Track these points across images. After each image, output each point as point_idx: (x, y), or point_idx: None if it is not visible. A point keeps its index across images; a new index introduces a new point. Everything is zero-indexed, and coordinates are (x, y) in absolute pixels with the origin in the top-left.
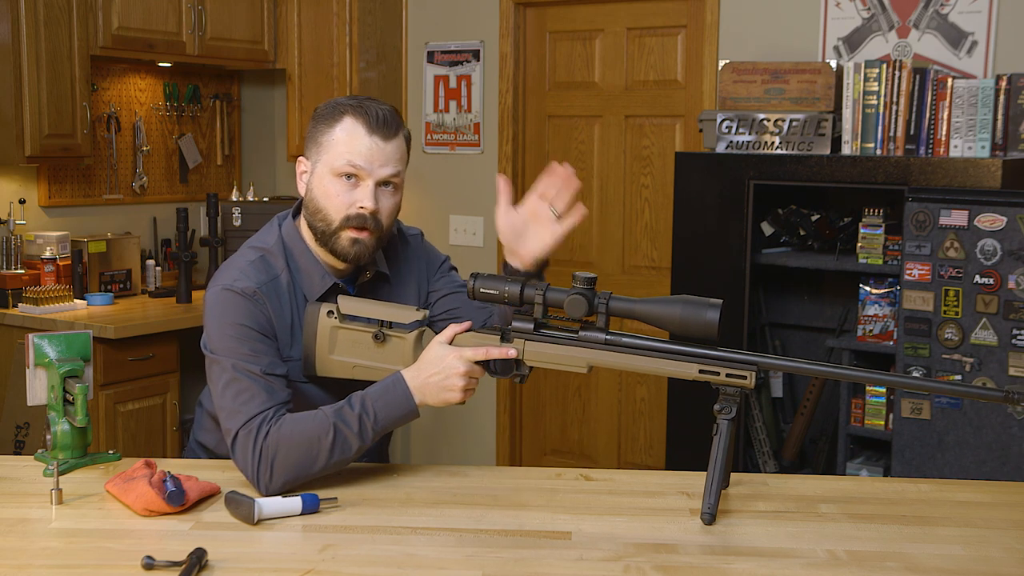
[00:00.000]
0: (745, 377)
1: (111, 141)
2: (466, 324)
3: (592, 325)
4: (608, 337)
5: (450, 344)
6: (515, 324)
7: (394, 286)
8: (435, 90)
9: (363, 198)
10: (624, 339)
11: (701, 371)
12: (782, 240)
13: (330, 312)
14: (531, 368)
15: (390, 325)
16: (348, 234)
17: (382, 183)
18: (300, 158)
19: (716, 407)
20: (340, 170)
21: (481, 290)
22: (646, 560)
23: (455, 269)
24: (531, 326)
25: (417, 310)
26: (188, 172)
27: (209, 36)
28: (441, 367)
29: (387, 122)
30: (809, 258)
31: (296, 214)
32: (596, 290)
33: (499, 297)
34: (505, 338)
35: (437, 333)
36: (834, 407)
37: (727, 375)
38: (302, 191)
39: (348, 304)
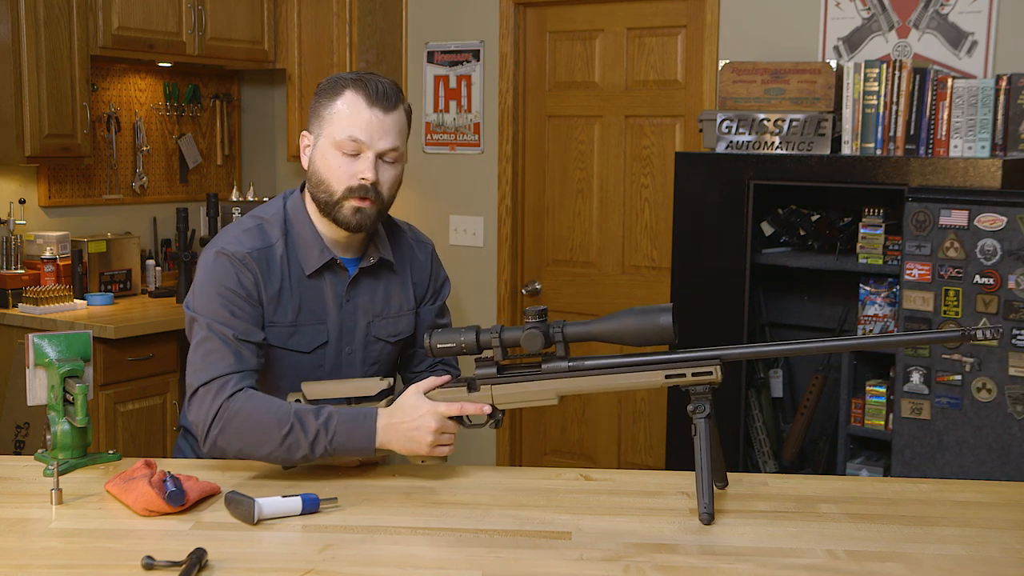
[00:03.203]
0: (711, 372)
1: (111, 141)
2: (444, 378)
3: (553, 356)
4: (571, 364)
5: (426, 395)
6: (478, 372)
7: (396, 275)
8: (435, 90)
9: (364, 169)
10: (587, 362)
11: (667, 376)
12: (782, 240)
13: (297, 401)
14: (504, 412)
15: (358, 400)
16: (351, 203)
17: (382, 155)
18: (303, 132)
19: (689, 408)
20: (341, 143)
21: (437, 345)
22: (646, 560)
23: (446, 302)
24: (494, 370)
25: (381, 379)
26: (188, 172)
27: (209, 36)
28: (413, 417)
29: (387, 95)
30: (809, 258)
31: (304, 188)
32: (549, 320)
33: (456, 349)
34: (472, 387)
35: (394, 354)
36: (834, 407)
37: (693, 374)
38: (305, 164)
39: (312, 388)
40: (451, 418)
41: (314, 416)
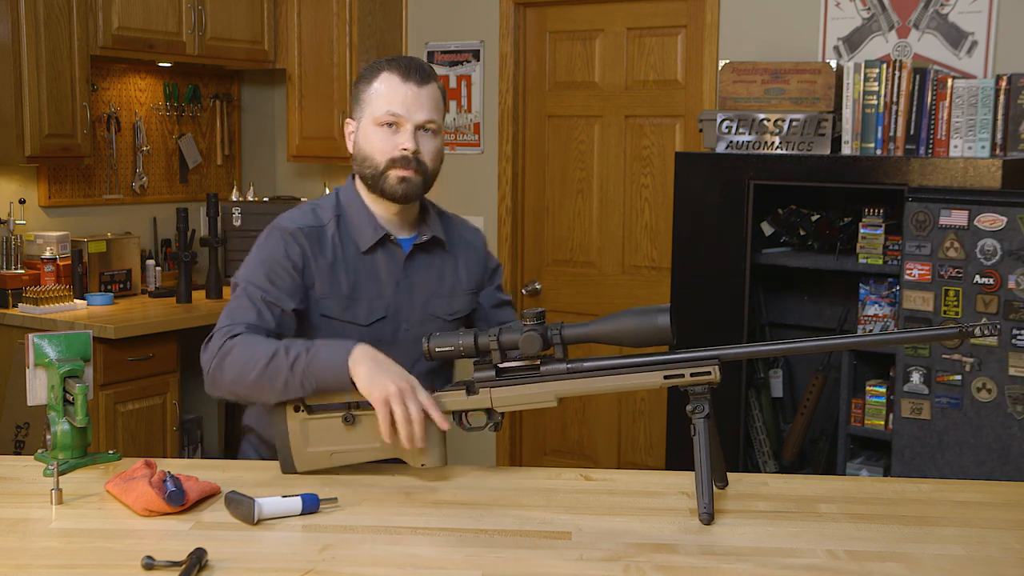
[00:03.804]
0: (709, 373)
1: (111, 141)
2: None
3: (551, 358)
4: (569, 366)
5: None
6: (477, 375)
7: (449, 255)
8: None
9: (404, 140)
10: (585, 364)
11: (666, 376)
12: (782, 240)
13: (297, 407)
14: (503, 415)
15: (357, 405)
16: (395, 173)
17: (421, 126)
18: (346, 120)
19: (688, 408)
20: (381, 119)
21: (436, 349)
22: (646, 560)
23: (501, 278)
24: (493, 373)
25: None
26: (188, 172)
27: (209, 36)
28: (396, 369)
29: (421, 70)
30: (809, 258)
31: (354, 177)
32: (547, 322)
33: (455, 352)
34: (471, 390)
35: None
36: (834, 407)
37: (691, 375)
38: (350, 148)
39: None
40: (454, 418)
41: (302, 343)
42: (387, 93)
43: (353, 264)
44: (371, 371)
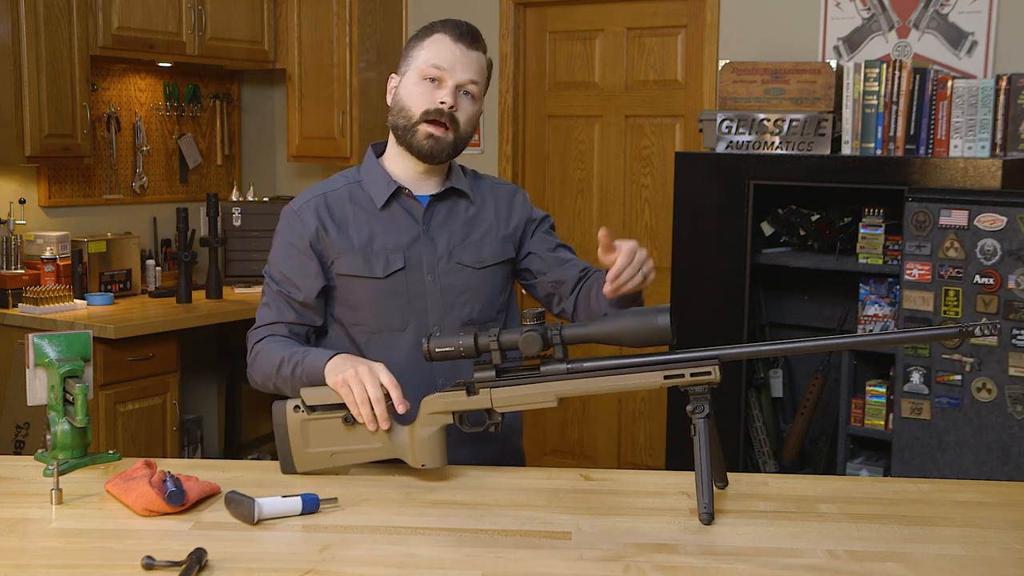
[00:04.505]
0: (710, 373)
1: (111, 141)
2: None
3: (551, 358)
4: (569, 366)
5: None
6: (477, 375)
7: (475, 205)
8: None
9: (444, 95)
10: (585, 364)
11: (666, 376)
12: (782, 240)
13: (296, 407)
14: (503, 415)
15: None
16: (425, 128)
17: (462, 86)
18: (391, 75)
19: (688, 408)
20: (425, 72)
21: (436, 349)
22: (646, 560)
23: (553, 230)
24: (493, 373)
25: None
26: (188, 172)
27: (209, 36)
28: (364, 360)
29: (472, 34)
30: (809, 258)
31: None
32: (547, 323)
33: (455, 353)
34: (470, 391)
35: (539, 297)
36: (834, 407)
37: (691, 375)
38: (389, 100)
39: (311, 394)
40: (454, 419)
41: (301, 352)
42: (435, 49)
43: (368, 220)
44: (337, 364)
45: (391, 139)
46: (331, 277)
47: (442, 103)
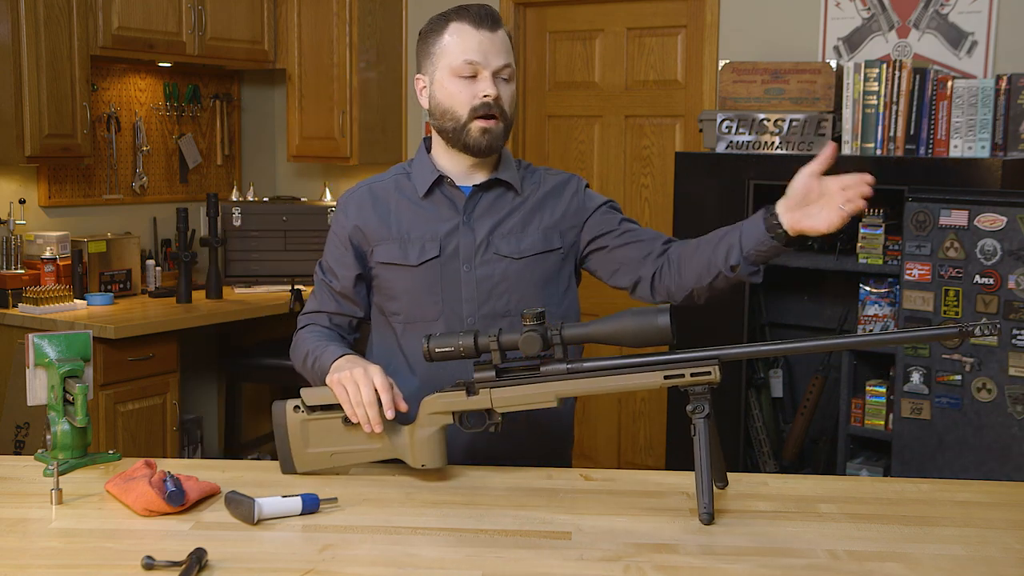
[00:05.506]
0: (709, 373)
1: (111, 141)
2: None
3: (552, 358)
4: (569, 366)
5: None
6: (477, 375)
7: (520, 197)
8: None
9: (485, 87)
10: (585, 364)
11: (666, 376)
12: None
13: (296, 407)
14: (503, 415)
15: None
16: (478, 124)
17: (498, 72)
18: (416, 76)
19: (688, 408)
20: (459, 69)
21: (436, 349)
22: (646, 560)
23: (617, 210)
24: (493, 373)
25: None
26: (188, 172)
27: (209, 36)
28: (363, 362)
29: (490, 16)
30: (809, 258)
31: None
32: (547, 323)
33: (455, 353)
34: (471, 391)
35: (595, 269)
36: (834, 407)
37: (691, 375)
38: (425, 104)
39: (311, 395)
40: (454, 419)
41: (322, 348)
42: (461, 42)
43: (409, 209)
44: (338, 364)
45: (435, 137)
46: (372, 267)
47: (485, 96)
